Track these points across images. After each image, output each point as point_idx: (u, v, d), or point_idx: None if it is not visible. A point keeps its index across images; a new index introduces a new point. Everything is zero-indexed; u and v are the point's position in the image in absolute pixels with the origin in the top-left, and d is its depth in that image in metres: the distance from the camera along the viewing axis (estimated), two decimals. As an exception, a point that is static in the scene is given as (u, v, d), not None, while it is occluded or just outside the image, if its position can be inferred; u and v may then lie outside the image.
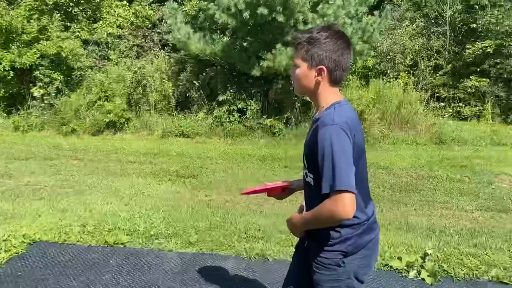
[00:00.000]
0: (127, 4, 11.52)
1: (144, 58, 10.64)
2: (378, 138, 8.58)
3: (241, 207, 4.91)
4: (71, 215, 4.26)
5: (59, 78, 9.63)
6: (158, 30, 11.53)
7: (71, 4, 10.53)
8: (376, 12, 9.01)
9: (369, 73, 10.67)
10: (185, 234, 3.85)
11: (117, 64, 10.35)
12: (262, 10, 7.61)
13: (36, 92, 9.51)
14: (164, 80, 9.72)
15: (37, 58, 9.37)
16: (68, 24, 10.57)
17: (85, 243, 3.59)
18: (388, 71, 10.75)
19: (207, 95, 9.39)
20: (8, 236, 3.71)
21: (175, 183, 6.01)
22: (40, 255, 3.34)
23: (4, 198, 5.07)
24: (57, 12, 10.02)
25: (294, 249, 1.98)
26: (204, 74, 9.41)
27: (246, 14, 7.74)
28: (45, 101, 9.55)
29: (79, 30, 10.62)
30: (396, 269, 3.18)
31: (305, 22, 8.08)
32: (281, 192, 2.02)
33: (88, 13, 11.15)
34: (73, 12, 10.74)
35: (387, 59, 11.06)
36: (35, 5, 9.54)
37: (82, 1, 10.70)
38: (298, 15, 8.06)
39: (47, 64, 9.61)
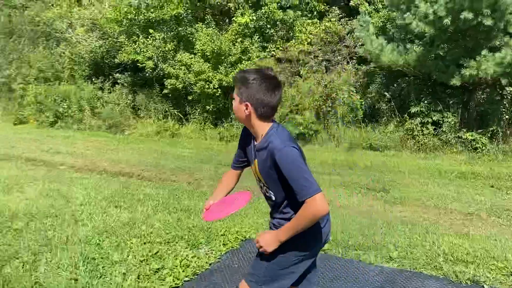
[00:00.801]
0: (317, 21, 12.02)
1: (333, 72, 10.89)
2: None
3: (442, 226, 4.53)
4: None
5: (256, 94, 10.63)
6: (345, 44, 11.68)
7: (268, 26, 11.55)
8: None
9: None
10: (384, 248, 3.75)
11: (306, 79, 10.87)
12: (466, 15, 6.97)
13: (238, 106, 10.69)
14: (352, 93, 9.76)
15: (239, 76, 10.53)
16: (265, 44, 11.62)
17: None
18: None
19: (397, 106, 9.04)
20: (225, 232, 4.22)
21: (366, 196, 5.93)
22: (253, 251, 3.69)
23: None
24: (257, 34, 11.11)
25: None
26: (395, 85, 9.09)
27: (447, 21, 7.20)
28: (245, 114, 10.64)
29: (274, 49, 11.55)
30: None
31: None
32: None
33: (282, 33, 12.04)
34: (269, 33, 11.77)
35: None
36: (239, 30, 10.78)
37: (278, 23, 11.63)
38: (509, 16, 7.12)
39: (247, 81, 10.70)
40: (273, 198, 1.96)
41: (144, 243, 3.89)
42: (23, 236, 4.01)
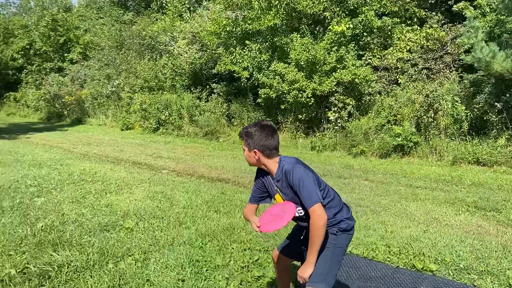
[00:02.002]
0: (418, 28, 11.44)
1: (434, 80, 10.26)
2: None
3: None
4: (374, 233, 4.41)
5: (351, 103, 10.40)
6: (449, 51, 10.95)
7: (365, 34, 11.27)
8: None
9: None
10: (501, 274, 3.40)
11: (405, 88, 10.38)
12: None
13: (331, 116, 10.54)
14: (456, 103, 9.09)
15: (334, 85, 10.39)
16: (361, 52, 11.34)
17: (393, 264, 3.63)
18: None
19: (510, 118, 8.22)
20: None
21: (474, 215, 5.44)
22: (354, 266, 3.57)
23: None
24: (353, 42, 10.89)
25: None
26: (507, 95, 8.29)
27: None
28: (338, 124, 10.46)
29: (371, 57, 11.22)
30: None
31: None
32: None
33: (379, 40, 11.67)
34: (365, 41, 11.47)
35: None
36: (335, 38, 10.65)
37: (375, 30, 11.30)
38: None
39: (342, 90, 10.54)
40: (303, 213, 2.37)
41: (245, 250, 3.96)
42: (134, 235, 4.32)
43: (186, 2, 17.45)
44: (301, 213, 2.38)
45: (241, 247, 4.03)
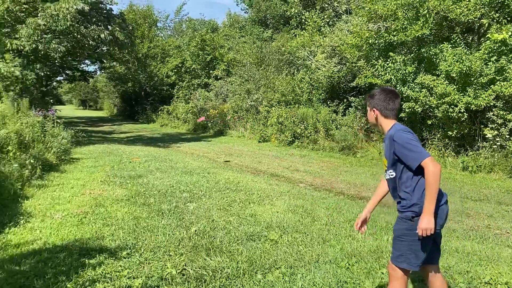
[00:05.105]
0: None
1: None
2: None
3: None
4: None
5: (513, 119, 9.12)
6: None
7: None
8: None
9: None
10: None
11: None
12: None
13: (489, 133, 9.37)
14: None
15: (492, 99, 9.25)
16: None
17: None
18: None
19: None
20: (489, 280, 3.60)
21: None
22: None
23: (467, 236, 5.10)
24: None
25: None
26: None
27: None
28: (497, 143, 9.24)
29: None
30: None
31: None
32: None
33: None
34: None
35: None
36: (494, 47, 9.48)
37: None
38: None
39: (502, 105, 9.31)
40: (394, 174, 2.65)
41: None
42: (279, 247, 4.32)
43: (326, 16, 17.49)
44: (392, 175, 2.66)
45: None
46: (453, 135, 10.07)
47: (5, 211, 5.19)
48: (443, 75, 9.99)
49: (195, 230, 4.69)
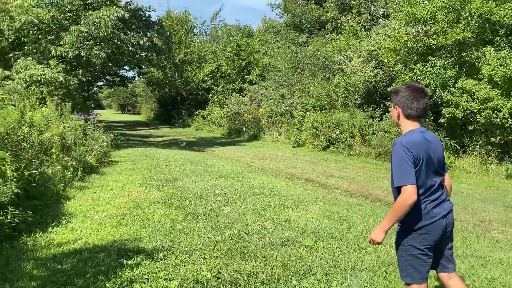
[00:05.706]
0: None
1: None
2: None
3: None
4: None
5: None
6: None
7: None
8: None
9: None
10: None
11: None
12: None
13: (535, 140, 8.95)
14: None
15: (540, 105, 8.83)
16: None
17: None
18: None
19: None
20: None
21: None
22: None
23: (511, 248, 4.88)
24: None
25: None
26: None
27: None
28: (544, 150, 8.81)
29: None
30: None
31: None
32: None
33: None
34: None
35: None
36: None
37: None
38: None
39: (550, 110, 8.87)
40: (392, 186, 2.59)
41: (435, 286, 3.53)
42: (314, 254, 4.27)
43: (362, 20, 17.27)
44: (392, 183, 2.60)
45: (430, 283, 3.59)
46: (496, 141, 9.67)
47: (48, 211, 5.39)
48: (486, 79, 9.63)
49: (230, 234, 4.71)
